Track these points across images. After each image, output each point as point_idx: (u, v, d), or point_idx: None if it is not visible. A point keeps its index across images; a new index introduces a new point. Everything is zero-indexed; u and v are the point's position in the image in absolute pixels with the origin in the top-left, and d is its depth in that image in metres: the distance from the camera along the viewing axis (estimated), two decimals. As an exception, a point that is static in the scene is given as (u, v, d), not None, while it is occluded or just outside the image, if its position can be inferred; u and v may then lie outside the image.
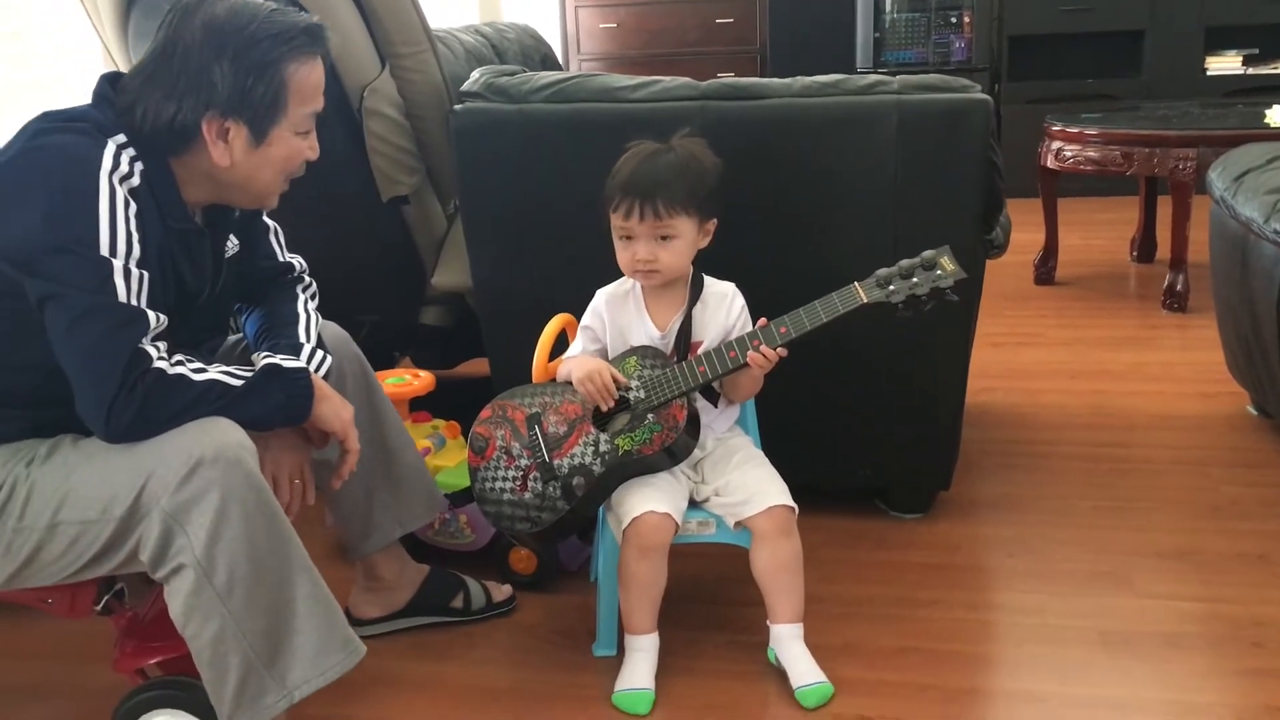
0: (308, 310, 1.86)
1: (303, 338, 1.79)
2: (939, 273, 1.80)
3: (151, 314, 1.51)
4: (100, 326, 1.46)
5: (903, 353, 2.26)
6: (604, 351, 1.99)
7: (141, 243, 1.51)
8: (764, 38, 6.32)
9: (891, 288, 1.81)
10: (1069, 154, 4.03)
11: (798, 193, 2.19)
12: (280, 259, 1.90)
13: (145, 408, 1.47)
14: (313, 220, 1.98)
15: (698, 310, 1.94)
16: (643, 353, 1.90)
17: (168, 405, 1.50)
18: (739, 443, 2.02)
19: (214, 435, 1.50)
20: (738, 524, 1.89)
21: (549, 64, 3.91)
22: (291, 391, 1.63)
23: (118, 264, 1.47)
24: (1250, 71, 5.70)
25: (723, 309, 1.94)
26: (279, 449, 1.69)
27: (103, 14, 2.45)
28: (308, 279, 1.93)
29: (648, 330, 1.94)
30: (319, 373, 1.73)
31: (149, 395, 1.48)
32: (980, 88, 2.18)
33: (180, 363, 1.53)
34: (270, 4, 1.60)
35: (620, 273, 1.97)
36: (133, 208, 1.51)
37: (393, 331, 2.80)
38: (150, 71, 1.56)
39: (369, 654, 1.64)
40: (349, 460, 1.75)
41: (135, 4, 2.43)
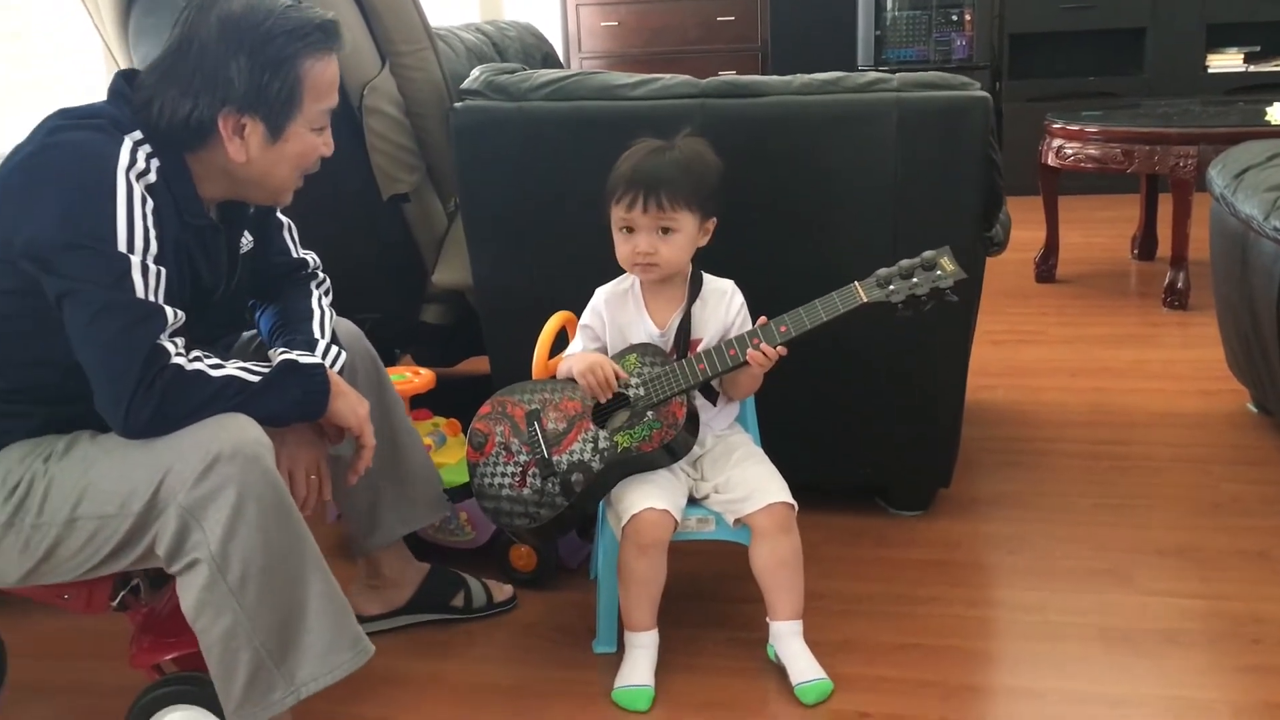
0: (322, 306, 1.86)
1: (317, 333, 1.79)
2: (939, 273, 1.81)
3: (169, 310, 1.51)
4: (118, 323, 1.47)
5: (903, 350, 2.26)
6: (604, 350, 1.99)
7: (159, 239, 1.52)
8: (765, 36, 6.32)
9: (891, 287, 1.81)
10: (1070, 152, 4.03)
11: (797, 190, 2.19)
12: (294, 255, 1.91)
13: (163, 403, 1.48)
14: (313, 218, 1.98)
15: (697, 308, 1.94)
16: (643, 350, 1.91)
17: (186, 401, 1.50)
18: (739, 440, 2.02)
19: (232, 431, 1.50)
20: (737, 521, 1.90)
21: (550, 62, 3.91)
22: (308, 387, 1.64)
23: (135, 260, 1.48)
24: (1252, 69, 5.70)
25: (722, 306, 1.95)
26: (295, 444, 1.69)
27: (103, 12, 2.45)
28: (321, 275, 1.93)
29: (647, 328, 1.95)
30: (334, 368, 1.73)
31: (167, 391, 1.48)
32: (980, 85, 2.18)
33: (198, 359, 1.53)
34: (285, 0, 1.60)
35: (620, 271, 1.97)
36: (149, 204, 1.51)
37: (393, 330, 2.80)
38: (166, 68, 1.56)
39: (369, 651, 1.65)
40: (364, 456, 1.75)
41: (135, 2, 2.43)
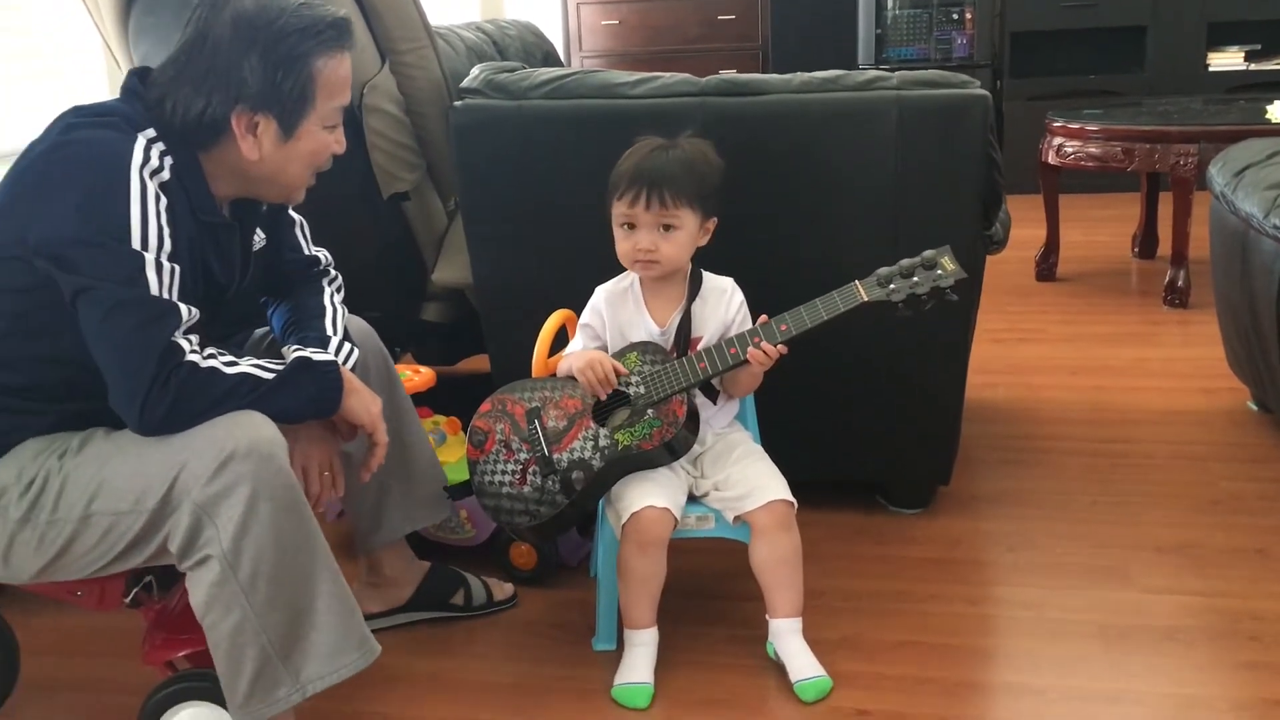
0: (334, 303, 1.87)
1: (330, 330, 1.80)
2: (939, 272, 1.81)
3: (183, 307, 1.51)
4: (133, 320, 1.47)
5: (903, 348, 2.26)
6: (604, 349, 1.99)
7: (172, 237, 1.52)
8: (766, 34, 6.32)
9: (892, 286, 1.81)
10: (1070, 150, 4.03)
11: (797, 189, 2.19)
12: (306, 252, 1.91)
13: (178, 401, 1.48)
14: (313, 217, 1.99)
15: (697, 305, 1.94)
16: (643, 348, 1.91)
17: (200, 398, 1.50)
18: (738, 438, 2.02)
19: (247, 429, 1.50)
20: (737, 519, 1.90)
21: (551, 61, 3.91)
22: (322, 384, 1.64)
23: (149, 258, 1.48)
24: (1252, 67, 5.69)
25: (722, 304, 1.95)
26: (308, 441, 1.69)
27: (103, 11, 2.45)
28: (333, 272, 1.94)
29: (647, 326, 1.95)
30: (347, 365, 1.74)
31: (182, 388, 1.48)
32: (979, 83, 2.18)
33: (212, 356, 1.53)
34: None
35: (620, 268, 1.98)
36: (163, 202, 1.52)
37: (394, 328, 2.80)
38: (180, 66, 1.56)
39: (370, 648, 1.65)
40: (377, 453, 1.76)
41: (135, 1, 2.43)
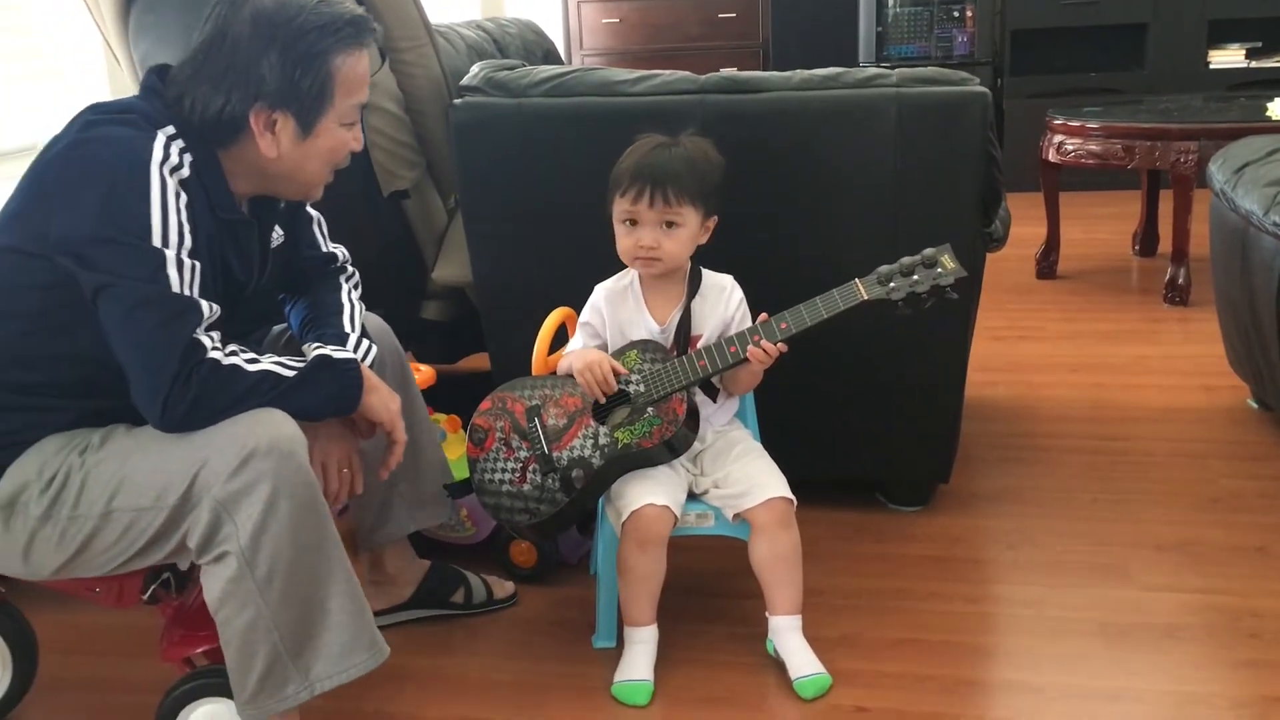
0: (351, 300, 1.87)
1: (348, 327, 1.80)
2: (939, 270, 1.81)
3: (204, 304, 1.52)
4: (154, 317, 1.47)
5: (903, 346, 2.26)
6: (604, 347, 1.99)
7: (193, 234, 1.52)
8: (766, 33, 6.32)
9: (892, 285, 1.81)
10: (1070, 148, 4.03)
11: (797, 186, 2.19)
12: (324, 249, 1.91)
13: (200, 398, 1.48)
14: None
15: (696, 303, 1.94)
16: (643, 346, 1.91)
17: (222, 396, 1.50)
18: (738, 435, 2.02)
19: (268, 427, 1.50)
20: (736, 516, 1.90)
21: (551, 60, 3.90)
22: (343, 382, 1.65)
23: (170, 255, 1.48)
24: (1253, 65, 5.69)
25: (721, 301, 1.95)
26: (327, 438, 1.70)
27: (103, 9, 2.45)
28: (351, 269, 1.94)
29: (647, 324, 1.95)
30: (365, 361, 1.74)
31: (204, 385, 1.48)
32: (979, 81, 2.18)
33: (234, 353, 1.53)
34: None
35: (620, 266, 1.98)
36: (183, 199, 1.52)
37: (394, 326, 2.80)
38: (199, 64, 1.57)
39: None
40: (396, 451, 1.76)
41: (135, 0, 2.43)
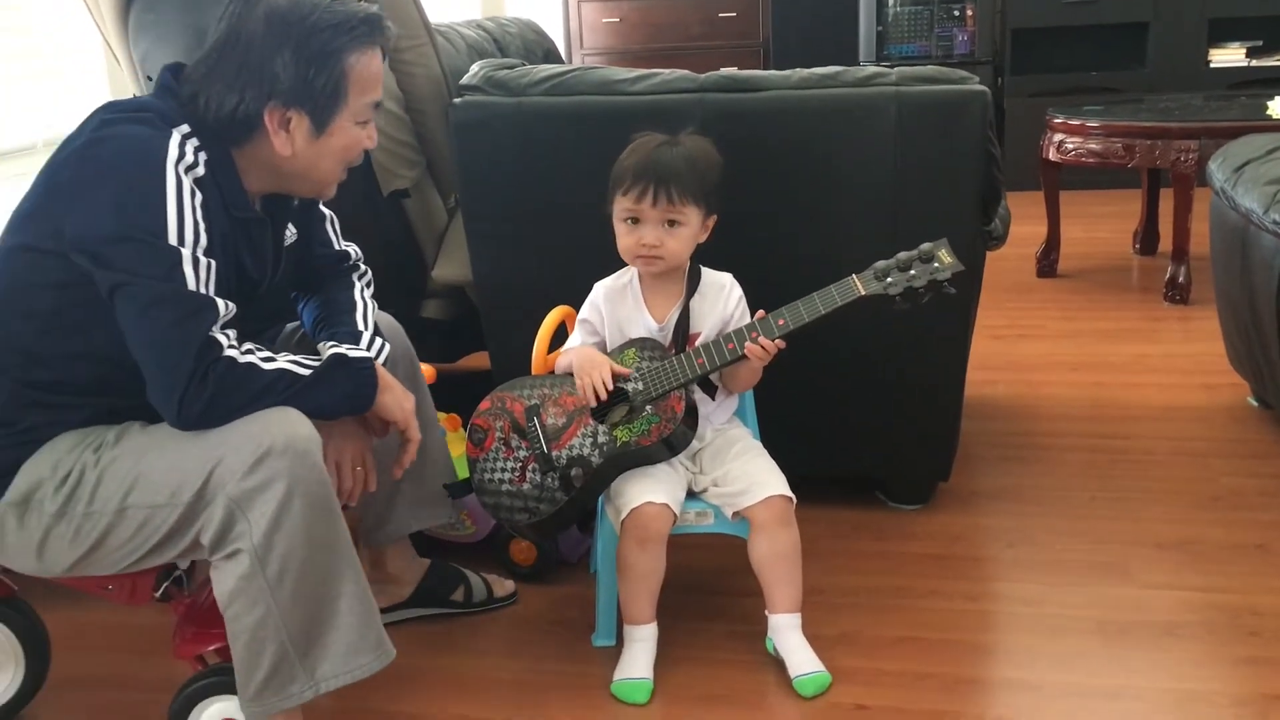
0: (364, 298, 1.88)
1: (360, 325, 1.80)
2: (936, 265, 1.81)
3: (220, 302, 1.52)
4: (170, 315, 1.48)
5: (903, 344, 2.26)
6: (602, 345, 1.99)
7: (208, 232, 1.53)
8: (767, 32, 6.32)
9: (889, 280, 1.81)
10: (1071, 146, 4.03)
11: (796, 185, 2.19)
12: (337, 247, 1.92)
13: (216, 396, 1.49)
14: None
15: (695, 301, 1.94)
16: (641, 344, 1.91)
17: (238, 394, 1.51)
18: (737, 434, 2.02)
19: (284, 426, 1.51)
20: (736, 514, 1.90)
21: (551, 59, 3.90)
22: (358, 381, 1.65)
23: (186, 253, 1.49)
24: (1254, 64, 5.68)
25: (720, 300, 1.95)
26: (341, 437, 1.70)
27: (103, 8, 2.45)
28: (363, 267, 1.94)
29: (646, 322, 1.95)
30: (379, 360, 1.74)
31: (220, 384, 1.49)
32: (978, 79, 2.18)
33: (250, 351, 1.54)
34: None
35: (620, 264, 1.98)
36: (198, 197, 1.53)
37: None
38: (212, 62, 1.57)
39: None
40: (410, 450, 1.77)
41: (135, -1, 2.43)
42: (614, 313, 1.98)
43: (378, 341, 1.79)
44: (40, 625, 1.92)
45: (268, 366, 1.54)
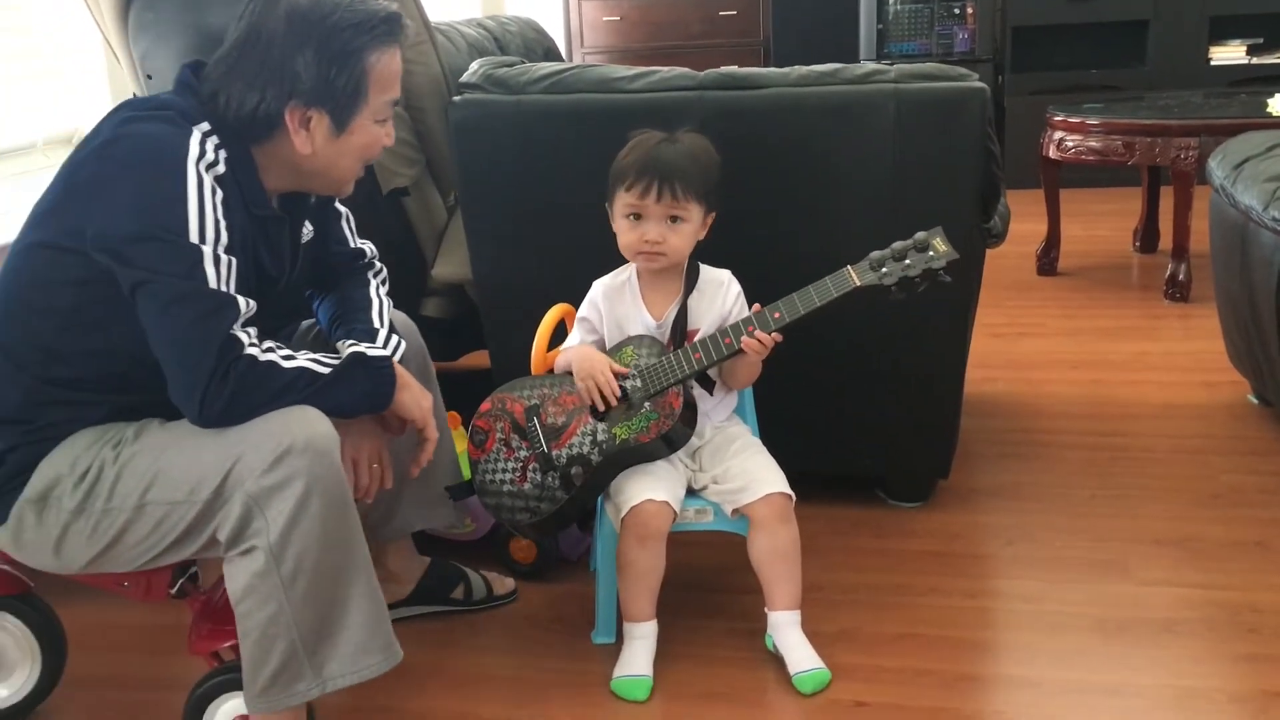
0: (379, 295, 1.88)
1: (376, 322, 1.80)
2: (931, 254, 1.81)
3: (241, 300, 1.52)
4: (192, 313, 1.48)
5: (902, 342, 2.26)
6: (601, 342, 2.00)
7: (228, 230, 1.53)
8: (767, 30, 6.32)
9: (884, 270, 1.81)
10: (1071, 144, 4.03)
11: (796, 182, 2.19)
12: (352, 244, 1.92)
13: (237, 394, 1.49)
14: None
15: (694, 298, 1.94)
16: (639, 342, 1.91)
17: (259, 392, 1.51)
18: (737, 431, 2.03)
19: (304, 425, 1.51)
20: (735, 511, 1.90)
21: (552, 57, 3.90)
22: (377, 380, 1.66)
23: (207, 251, 1.49)
24: (1254, 61, 5.68)
25: (719, 296, 1.95)
26: (358, 434, 1.71)
27: (103, 7, 2.46)
28: (378, 265, 1.94)
29: (643, 320, 1.95)
30: (394, 357, 1.74)
31: (241, 381, 1.49)
32: (977, 76, 2.18)
33: (270, 349, 1.54)
34: None
35: (618, 263, 1.98)
36: (219, 195, 1.53)
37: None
38: (233, 61, 1.57)
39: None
40: (427, 448, 1.77)
41: (135, -2, 2.44)
42: (612, 310, 1.98)
43: (394, 339, 1.79)
44: (56, 622, 1.92)
45: (288, 365, 1.54)
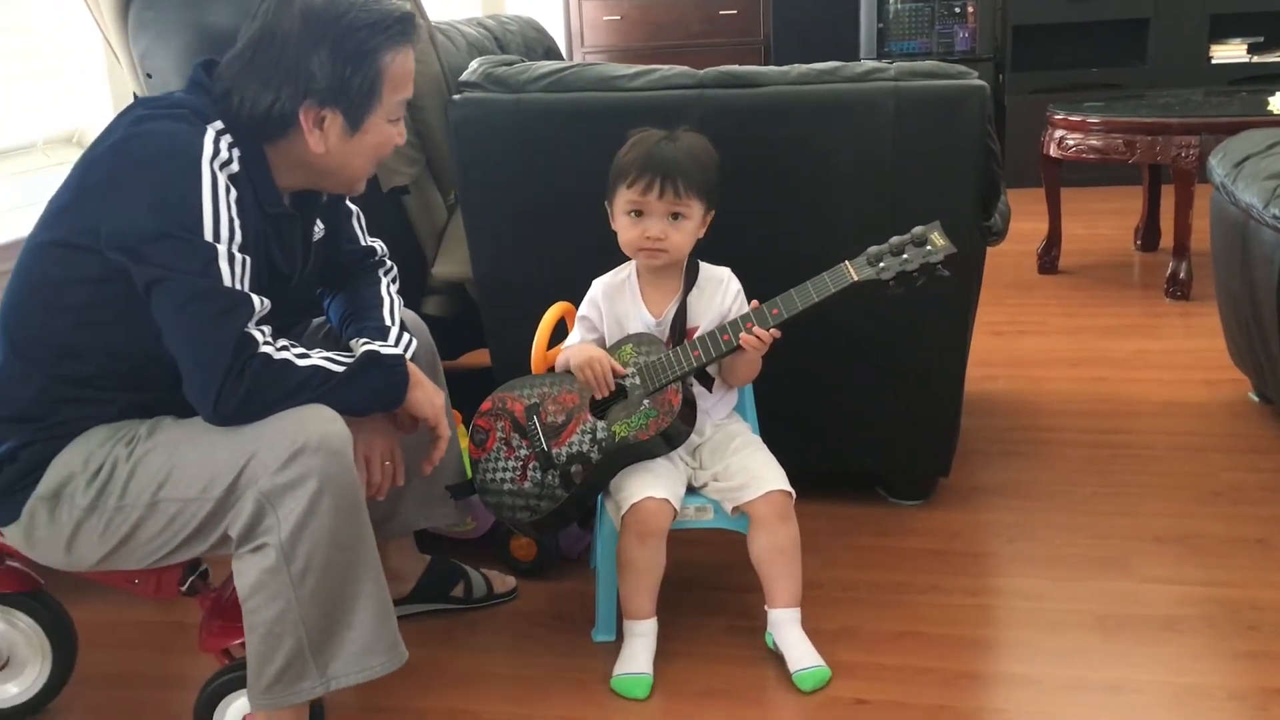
0: (390, 293, 1.88)
1: (388, 320, 1.81)
2: (929, 248, 1.81)
3: (256, 298, 1.53)
4: (207, 311, 1.48)
5: (903, 340, 2.26)
6: (601, 341, 2.00)
7: (242, 228, 1.53)
8: (768, 29, 6.32)
9: (882, 265, 1.81)
10: (1072, 142, 4.02)
11: (795, 180, 2.19)
12: (363, 243, 1.92)
13: (252, 392, 1.49)
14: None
15: (693, 296, 1.94)
16: (638, 339, 1.91)
17: (274, 390, 1.51)
18: (737, 429, 2.03)
19: (318, 424, 1.51)
20: (735, 509, 1.90)
21: (552, 57, 3.90)
22: (390, 378, 1.66)
23: (221, 249, 1.49)
24: (1255, 59, 5.67)
25: (718, 294, 1.95)
26: (371, 432, 1.71)
27: (102, 6, 2.46)
28: (389, 263, 1.95)
29: (643, 317, 1.95)
30: (407, 354, 1.75)
31: (256, 380, 1.49)
32: (976, 74, 2.18)
33: (285, 348, 1.54)
34: None
35: (619, 261, 1.98)
36: (233, 194, 1.53)
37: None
38: (247, 60, 1.57)
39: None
40: (439, 446, 1.77)
41: (135, -3, 2.44)
42: (612, 308, 1.99)
43: (406, 337, 1.79)
44: (67, 619, 1.92)
45: (302, 363, 1.54)
